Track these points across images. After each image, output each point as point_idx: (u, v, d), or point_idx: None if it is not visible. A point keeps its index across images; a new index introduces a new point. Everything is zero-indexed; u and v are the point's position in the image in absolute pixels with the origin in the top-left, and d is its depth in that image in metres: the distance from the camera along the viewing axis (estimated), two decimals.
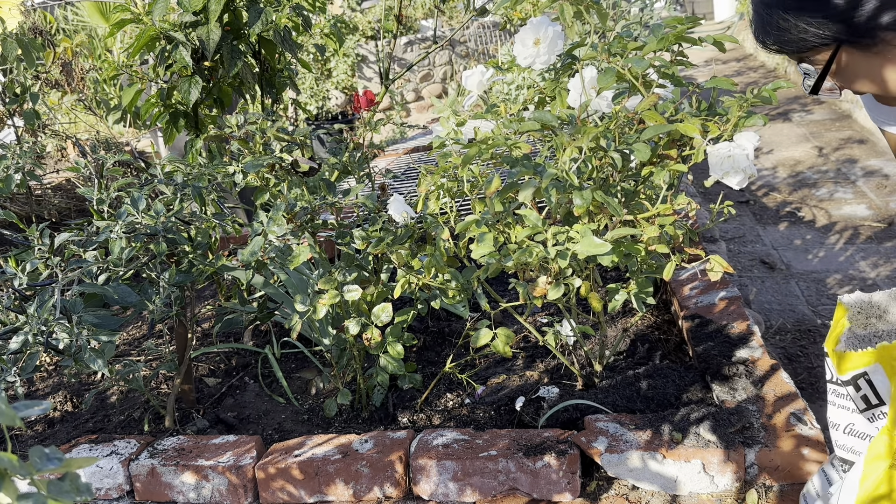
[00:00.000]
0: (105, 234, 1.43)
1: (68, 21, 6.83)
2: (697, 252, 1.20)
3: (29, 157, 1.84)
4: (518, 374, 1.77)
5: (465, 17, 7.06)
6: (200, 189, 1.64)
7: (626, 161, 1.17)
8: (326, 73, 6.19)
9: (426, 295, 1.45)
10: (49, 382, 2.11)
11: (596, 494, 1.39)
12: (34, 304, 1.28)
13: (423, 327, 2.07)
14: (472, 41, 7.07)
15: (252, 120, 1.81)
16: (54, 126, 4.63)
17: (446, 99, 1.80)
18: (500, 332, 1.38)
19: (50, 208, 3.82)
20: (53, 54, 4.46)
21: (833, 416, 1.21)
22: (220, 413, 1.80)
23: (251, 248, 1.43)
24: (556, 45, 1.31)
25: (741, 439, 1.35)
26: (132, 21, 2.16)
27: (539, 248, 1.12)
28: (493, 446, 1.43)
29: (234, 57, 2.14)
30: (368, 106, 4.74)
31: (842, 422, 1.19)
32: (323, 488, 1.47)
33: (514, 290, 1.89)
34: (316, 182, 1.71)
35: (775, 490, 1.35)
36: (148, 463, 1.53)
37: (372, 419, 1.69)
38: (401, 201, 1.40)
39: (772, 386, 1.51)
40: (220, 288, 2.20)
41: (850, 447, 1.17)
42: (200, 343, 2.17)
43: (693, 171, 1.25)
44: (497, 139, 1.20)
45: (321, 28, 3.04)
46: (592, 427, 1.44)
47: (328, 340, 1.70)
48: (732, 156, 1.07)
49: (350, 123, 5.22)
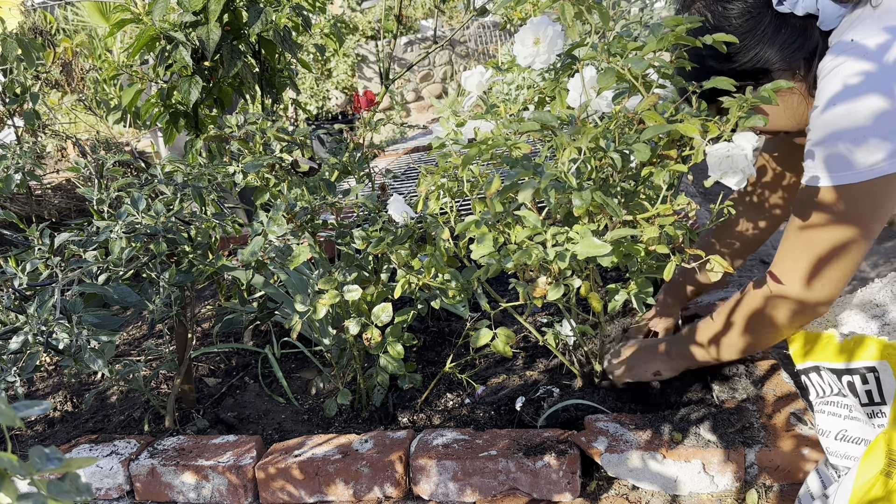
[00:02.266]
0: (105, 234, 1.43)
1: (68, 21, 6.83)
2: (697, 252, 1.20)
3: (29, 157, 1.84)
4: (518, 374, 1.77)
5: (465, 17, 7.07)
6: (200, 189, 1.64)
7: (625, 161, 1.17)
8: (326, 73, 6.19)
9: (426, 295, 1.45)
10: (49, 382, 2.11)
11: (596, 494, 1.39)
12: (34, 304, 1.28)
13: (423, 327, 2.08)
14: (472, 41, 7.07)
15: (252, 120, 1.81)
16: (54, 126, 4.63)
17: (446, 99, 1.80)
18: (500, 332, 1.38)
19: (50, 208, 3.82)
20: (53, 54, 4.46)
21: (823, 424, 1.21)
22: (220, 413, 1.80)
23: (251, 248, 1.43)
24: (555, 44, 1.31)
25: (741, 439, 1.35)
26: (132, 21, 2.16)
27: (538, 249, 1.12)
28: (493, 446, 1.43)
29: (234, 57, 2.14)
30: (368, 106, 4.74)
31: (833, 428, 1.19)
32: (323, 488, 1.47)
33: (514, 290, 1.89)
34: (316, 182, 1.71)
35: (775, 490, 1.35)
36: (148, 463, 1.53)
37: (372, 419, 1.69)
38: (401, 201, 1.40)
39: (772, 386, 1.51)
40: (220, 288, 2.20)
41: (843, 453, 1.17)
42: (200, 343, 2.17)
43: (693, 171, 1.25)
44: (497, 139, 1.20)
45: (321, 28, 3.04)
46: (592, 427, 1.44)
47: (328, 340, 1.70)
48: (731, 156, 1.07)
49: (350, 123, 5.22)
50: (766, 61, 1.20)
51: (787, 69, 1.20)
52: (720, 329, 1.40)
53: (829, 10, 1.15)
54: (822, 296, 1.22)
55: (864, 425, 1.14)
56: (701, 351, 1.45)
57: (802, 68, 1.20)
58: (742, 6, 1.18)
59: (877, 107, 1.07)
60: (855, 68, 1.09)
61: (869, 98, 1.07)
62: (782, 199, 1.60)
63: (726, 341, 1.40)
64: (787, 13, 1.18)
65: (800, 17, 1.17)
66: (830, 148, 1.11)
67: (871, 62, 1.08)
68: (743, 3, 1.19)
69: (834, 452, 1.18)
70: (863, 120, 1.08)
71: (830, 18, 1.16)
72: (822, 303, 1.23)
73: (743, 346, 1.39)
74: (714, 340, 1.42)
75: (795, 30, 1.18)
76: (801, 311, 1.26)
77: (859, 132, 1.08)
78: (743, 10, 1.18)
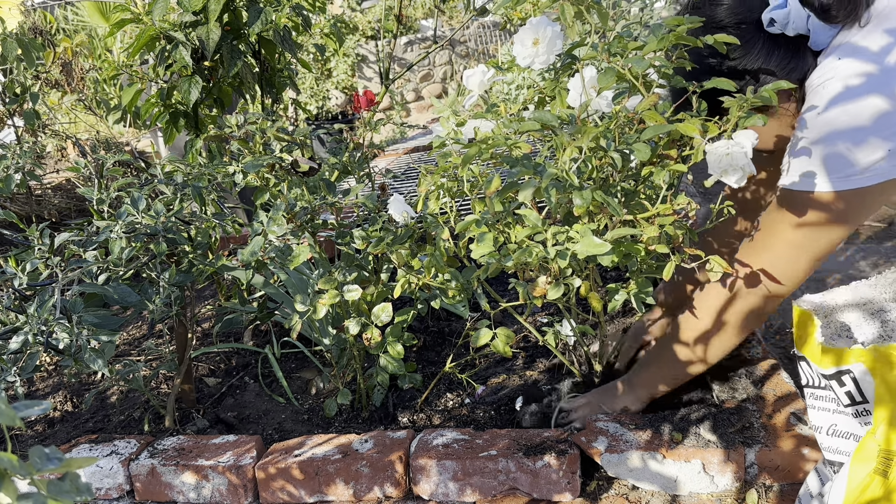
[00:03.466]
0: (105, 234, 1.43)
1: (68, 21, 6.83)
2: (697, 252, 1.20)
3: (29, 157, 1.84)
4: (518, 373, 1.77)
5: (465, 16, 7.07)
6: (200, 189, 1.64)
7: (626, 161, 1.17)
8: (326, 73, 6.19)
9: (426, 295, 1.45)
10: (49, 382, 2.11)
11: (596, 494, 1.39)
12: (34, 304, 1.28)
13: (423, 327, 2.08)
14: (472, 41, 7.07)
15: (252, 120, 1.81)
16: (54, 126, 4.63)
17: (446, 99, 1.80)
18: (500, 331, 1.38)
19: (50, 208, 3.82)
20: (53, 54, 4.46)
21: (815, 420, 1.21)
22: (220, 413, 1.80)
23: (251, 248, 1.43)
24: (555, 44, 1.31)
25: (741, 439, 1.35)
26: (132, 21, 2.15)
27: (539, 248, 1.12)
28: (493, 446, 1.43)
29: (234, 57, 2.14)
30: (368, 106, 4.74)
31: (824, 424, 1.19)
32: (323, 488, 1.47)
33: (514, 290, 1.89)
34: (316, 182, 1.71)
35: (775, 490, 1.35)
36: (148, 463, 1.53)
37: (372, 419, 1.69)
38: (401, 201, 1.40)
39: (772, 386, 1.51)
40: (220, 288, 2.20)
41: (835, 448, 1.17)
42: (200, 343, 2.17)
43: (693, 170, 1.25)
44: (497, 139, 1.20)
45: (321, 28, 3.04)
46: (592, 427, 1.44)
47: (328, 340, 1.70)
48: (731, 154, 1.07)
49: (350, 123, 5.22)
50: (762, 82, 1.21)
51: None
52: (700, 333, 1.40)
53: (819, 31, 1.16)
54: (792, 287, 1.28)
55: (852, 420, 1.14)
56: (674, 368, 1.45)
57: (799, 90, 1.21)
58: (734, 33, 1.18)
59: (877, 107, 1.07)
60: (856, 69, 1.10)
61: (870, 99, 1.07)
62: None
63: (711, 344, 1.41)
64: (779, 34, 1.18)
65: (791, 38, 1.18)
66: (830, 147, 1.11)
67: (872, 63, 1.09)
68: (735, 30, 1.19)
69: (827, 448, 1.18)
70: (863, 120, 1.08)
71: (821, 39, 1.17)
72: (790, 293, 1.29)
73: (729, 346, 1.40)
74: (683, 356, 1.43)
75: (787, 51, 1.19)
76: (774, 302, 1.31)
77: (860, 132, 1.08)
78: (735, 35, 1.18)
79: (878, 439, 1.04)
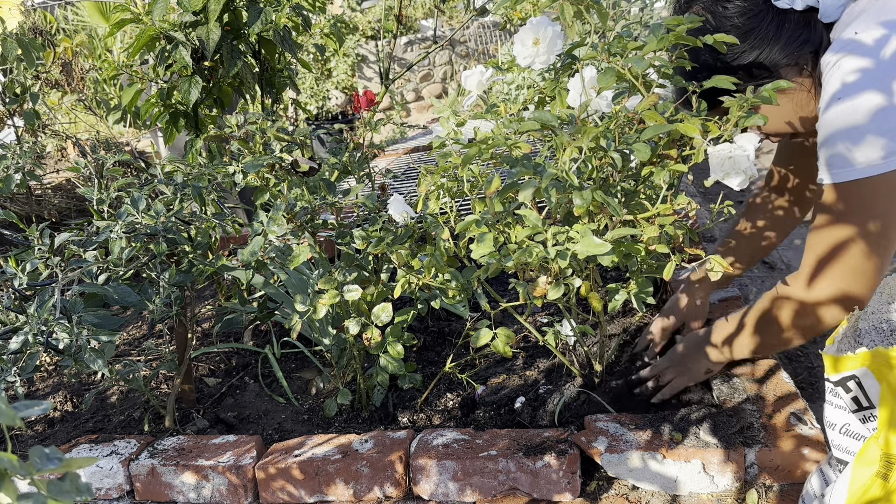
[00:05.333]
0: (105, 234, 1.43)
1: (68, 21, 6.83)
2: (697, 252, 1.19)
3: (29, 157, 1.84)
4: (518, 374, 1.77)
5: (465, 17, 7.07)
6: (200, 189, 1.64)
7: (626, 161, 1.17)
8: (326, 73, 6.19)
9: (426, 295, 1.44)
10: (49, 382, 2.11)
11: (596, 494, 1.39)
12: (34, 304, 1.28)
13: (423, 327, 2.07)
14: (472, 41, 7.07)
15: (252, 120, 1.81)
16: (54, 126, 4.63)
17: (446, 99, 1.80)
18: (500, 331, 1.38)
19: (50, 208, 3.82)
20: (53, 54, 4.46)
21: (830, 416, 1.21)
22: (220, 413, 1.80)
23: (251, 248, 1.43)
24: (555, 44, 1.31)
25: (741, 439, 1.35)
26: (132, 21, 2.16)
27: (539, 248, 1.12)
28: (493, 446, 1.43)
29: (234, 57, 2.14)
30: (368, 106, 4.74)
31: (838, 422, 1.19)
32: (323, 488, 1.47)
33: (514, 290, 1.89)
34: (316, 182, 1.71)
35: (775, 490, 1.35)
36: (148, 463, 1.53)
37: (372, 419, 1.69)
38: (401, 201, 1.40)
39: (772, 386, 1.51)
40: (220, 288, 2.20)
41: (845, 447, 1.17)
42: (200, 343, 2.17)
43: (693, 171, 1.25)
44: (497, 139, 1.20)
45: (321, 28, 3.04)
46: (592, 427, 1.44)
47: (328, 340, 1.70)
48: (733, 157, 1.07)
49: (350, 123, 5.22)
50: (771, 59, 1.19)
51: (794, 65, 1.20)
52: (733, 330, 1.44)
53: (829, 2, 1.15)
54: (821, 296, 1.21)
55: (861, 425, 1.14)
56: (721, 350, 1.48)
57: (810, 63, 1.19)
58: (742, 5, 1.18)
59: (875, 104, 1.07)
60: (853, 65, 1.09)
61: (867, 95, 1.07)
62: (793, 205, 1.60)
63: (742, 340, 1.43)
64: (788, 9, 1.17)
65: (800, 11, 1.17)
66: (831, 147, 1.11)
67: (869, 59, 1.08)
68: (742, 2, 1.19)
69: (837, 445, 1.18)
70: (861, 118, 1.07)
71: (831, 10, 1.15)
72: (821, 303, 1.22)
73: (753, 346, 1.40)
74: (728, 340, 1.45)
75: (798, 24, 1.18)
76: (804, 313, 1.25)
77: (858, 130, 1.08)
78: (743, 8, 1.18)
79: (881, 443, 1.04)
